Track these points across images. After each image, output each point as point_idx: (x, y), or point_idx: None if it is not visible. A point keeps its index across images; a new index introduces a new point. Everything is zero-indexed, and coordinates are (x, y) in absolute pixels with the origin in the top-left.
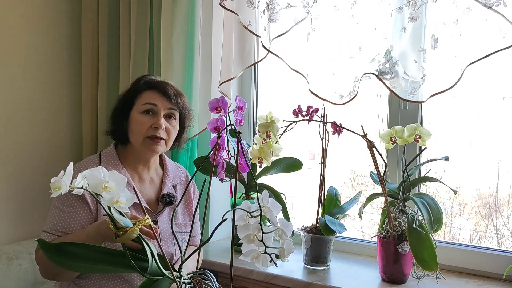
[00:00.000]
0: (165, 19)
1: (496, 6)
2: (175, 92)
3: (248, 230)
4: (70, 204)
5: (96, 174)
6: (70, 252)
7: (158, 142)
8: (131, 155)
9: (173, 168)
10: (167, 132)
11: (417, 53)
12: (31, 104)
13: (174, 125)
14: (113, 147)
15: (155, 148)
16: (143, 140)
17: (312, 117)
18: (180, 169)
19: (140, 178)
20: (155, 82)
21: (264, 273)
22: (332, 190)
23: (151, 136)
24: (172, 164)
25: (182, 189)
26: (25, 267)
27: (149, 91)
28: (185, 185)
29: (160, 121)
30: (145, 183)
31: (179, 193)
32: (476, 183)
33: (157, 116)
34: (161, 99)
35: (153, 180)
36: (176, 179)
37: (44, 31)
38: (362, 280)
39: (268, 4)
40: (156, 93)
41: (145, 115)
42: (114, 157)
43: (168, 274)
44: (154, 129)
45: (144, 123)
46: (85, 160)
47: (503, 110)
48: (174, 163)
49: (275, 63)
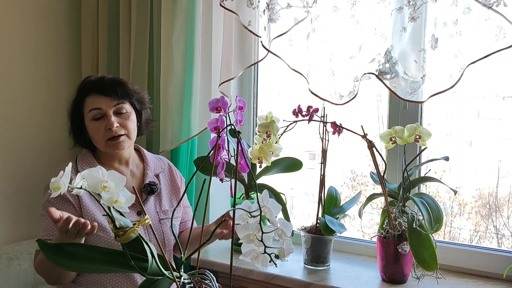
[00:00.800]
0: (165, 19)
1: (496, 6)
2: (111, 85)
3: (248, 230)
4: (51, 203)
5: (95, 174)
6: (70, 252)
7: (119, 139)
8: (105, 156)
9: (153, 160)
10: (123, 126)
11: (417, 53)
12: (31, 104)
13: (127, 117)
14: (88, 151)
15: (118, 145)
16: (105, 143)
17: (312, 117)
18: (161, 160)
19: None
20: (91, 85)
21: (264, 273)
22: (332, 190)
23: (109, 138)
24: (152, 156)
25: (165, 177)
26: (25, 267)
27: (89, 97)
28: (168, 173)
29: (111, 121)
30: (127, 177)
31: (163, 181)
32: (476, 183)
33: (107, 118)
34: (103, 99)
35: (134, 174)
36: (158, 168)
37: (44, 31)
38: (362, 280)
39: (268, 4)
40: (96, 95)
41: (96, 121)
42: (91, 159)
43: (168, 274)
44: (108, 130)
45: (98, 129)
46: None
47: (503, 110)
48: (154, 155)
49: (275, 63)
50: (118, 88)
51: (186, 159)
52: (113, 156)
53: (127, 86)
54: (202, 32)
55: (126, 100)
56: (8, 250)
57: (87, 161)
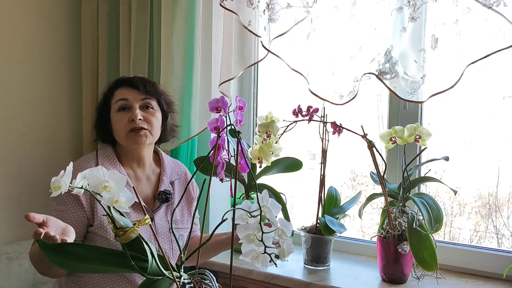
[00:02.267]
0: (165, 19)
1: (496, 6)
2: (142, 81)
3: (248, 230)
4: (63, 202)
5: (96, 173)
6: (69, 252)
7: (140, 132)
8: (124, 154)
9: (170, 164)
10: (147, 121)
11: (417, 53)
12: (31, 104)
13: (152, 113)
14: (109, 146)
15: (139, 139)
16: (126, 135)
17: (312, 117)
18: (178, 165)
19: (137, 177)
20: (123, 79)
21: (264, 273)
22: (332, 190)
23: (131, 129)
24: (170, 160)
25: (180, 185)
26: (25, 267)
27: (119, 89)
28: (183, 181)
29: (135, 113)
30: (142, 181)
31: (177, 189)
32: (476, 183)
33: (132, 109)
34: (131, 91)
35: (150, 178)
36: (174, 175)
37: (44, 31)
38: (362, 280)
39: (268, 4)
40: (126, 88)
41: (121, 112)
42: (112, 154)
43: (168, 274)
44: (131, 122)
45: (121, 120)
46: (82, 158)
47: (503, 110)
48: (172, 160)
49: (275, 63)
50: (147, 84)
51: (186, 159)
52: (132, 153)
53: (157, 85)
54: (202, 32)
55: (154, 97)
56: (8, 250)
57: (109, 157)
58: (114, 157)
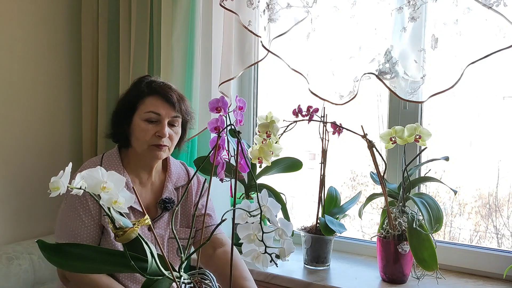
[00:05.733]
0: (165, 19)
1: (496, 6)
2: (178, 97)
3: (248, 230)
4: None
5: (94, 174)
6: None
7: (162, 149)
8: (134, 159)
9: (177, 170)
10: (170, 139)
11: (417, 53)
12: (31, 104)
13: (176, 131)
14: (116, 150)
15: (159, 154)
16: (147, 147)
17: (312, 117)
18: (187, 170)
19: (141, 183)
20: (157, 86)
21: (264, 273)
22: (332, 190)
23: (155, 144)
24: (178, 165)
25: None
26: (25, 267)
27: (152, 98)
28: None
29: (164, 130)
30: (146, 187)
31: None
32: (476, 183)
33: (161, 124)
34: (165, 106)
35: (154, 184)
36: (180, 181)
37: (44, 31)
38: (362, 280)
39: (268, 4)
40: (160, 100)
41: (149, 123)
42: (117, 160)
43: (168, 274)
44: (158, 137)
45: (148, 131)
46: (87, 163)
47: (503, 110)
48: (179, 163)
49: (275, 63)
50: (181, 102)
51: (186, 159)
52: (143, 162)
53: (187, 103)
54: (202, 32)
55: (181, 116)
56: (8, 250)
57: (113, 163)
58: (119, 162)
